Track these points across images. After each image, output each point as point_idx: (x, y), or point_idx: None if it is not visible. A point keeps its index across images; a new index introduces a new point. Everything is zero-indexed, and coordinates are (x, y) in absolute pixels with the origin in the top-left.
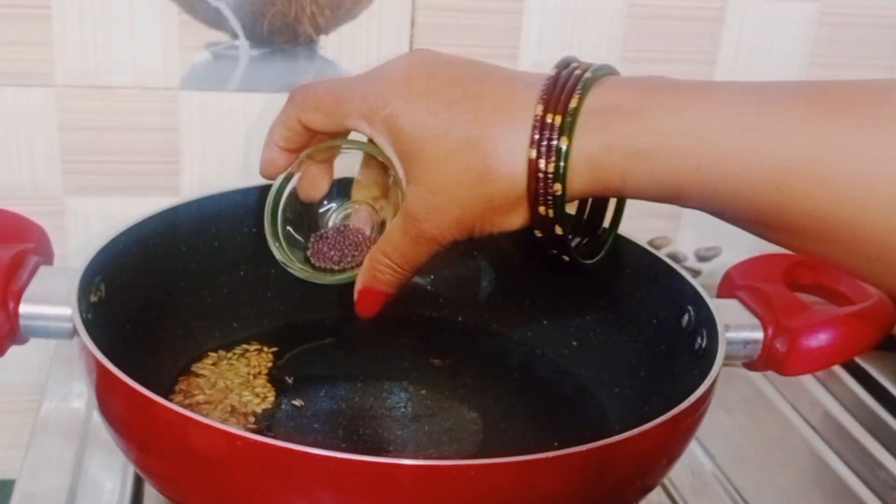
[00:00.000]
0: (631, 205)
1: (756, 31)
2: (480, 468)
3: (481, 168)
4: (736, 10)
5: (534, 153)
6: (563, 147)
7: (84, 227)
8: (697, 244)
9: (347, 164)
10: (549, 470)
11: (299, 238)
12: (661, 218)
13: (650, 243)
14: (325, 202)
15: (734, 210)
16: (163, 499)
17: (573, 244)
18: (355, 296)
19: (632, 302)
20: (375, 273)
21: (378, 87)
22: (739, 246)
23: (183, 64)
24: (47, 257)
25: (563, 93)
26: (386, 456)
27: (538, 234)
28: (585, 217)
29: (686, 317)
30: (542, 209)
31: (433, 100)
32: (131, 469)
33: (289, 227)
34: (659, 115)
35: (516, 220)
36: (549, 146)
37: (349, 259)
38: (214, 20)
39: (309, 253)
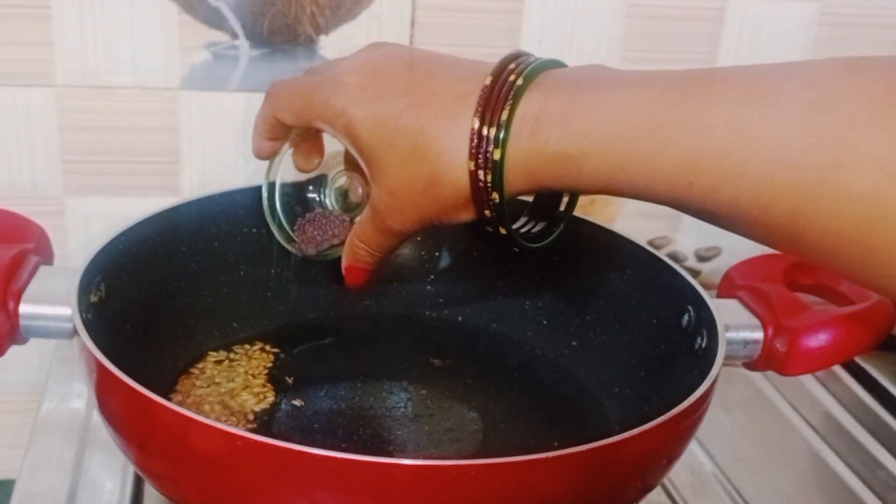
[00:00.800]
0: (631, 205)
1: (756, 31)
2: (480, 468)
3: (429, 175)
4: (736, 10)
5: (472, 165)
6: (497, 158)
7: (84, 226)
8: (697, 244)
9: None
10: (549, 470)
11: (295, 215)
12: (661, 218)
13: (650, 243)
14: (318, 182)
15: (660, 200)
16: (163, 499)
17: (530, 228)
18: (343, 271)
19: (632, 302)
20: (355, 254)
21: (337, 94)
22: (739, 246)
23: (183, 64)
24: (47, 257)
25: (496, 104)
26: (386, 456)
27: (489, 229)
28: (542, 202)
29: (686, 317)
30: (486, 212)
31: (384, 109)
32: (131, 469)
33: (286, 204)
34: (584, 119)
35: (468, 215)
36: (486, 158)
37: (330, 242)
38: (214, 20)
39: (296, 235)
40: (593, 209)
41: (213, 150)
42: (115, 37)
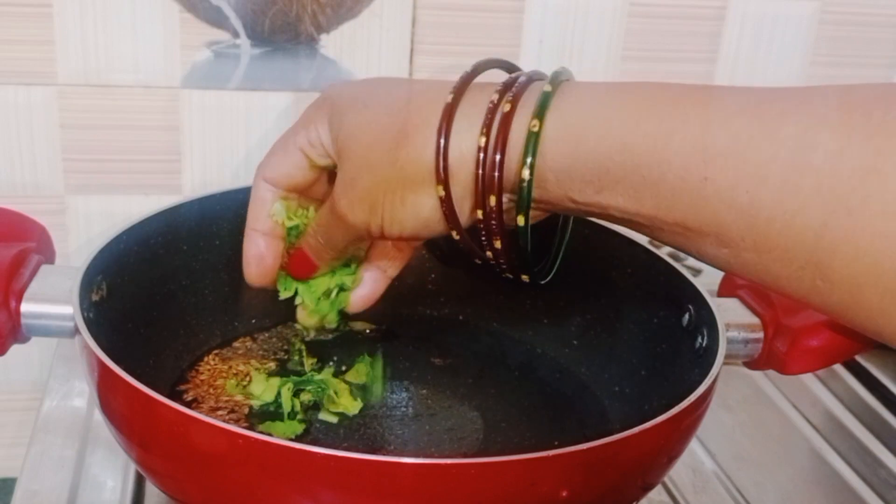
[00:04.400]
0: None
1: (757, 30)
2: (481, 467)
3: (398, 132)
4: (737, 8)
5: (483, 140)
6: (535, 129)
7: (85, 225)
8: None
9: None
10: (550, 468)
11: None
12: None
13: (651, 242)
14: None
15: (661, 206)
16: (164, 497)
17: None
18: (292, 251)
19: (632, 301)
20: (308, 238)
21: (314, 103)
22: None
23: (184, 63)
24: (49, 256)
25: (521, 85)
26: (387, 455)
27: (457, 236)
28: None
29: (687, 316)
30: (492, 199)
31: (365, 84)
32: (132, 467)
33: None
34: (583, 96)
35: (424, 202)
36: (503, 132)
37: None
38: (216, 19)
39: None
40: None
41: (215, 148)
42: (116, 35)
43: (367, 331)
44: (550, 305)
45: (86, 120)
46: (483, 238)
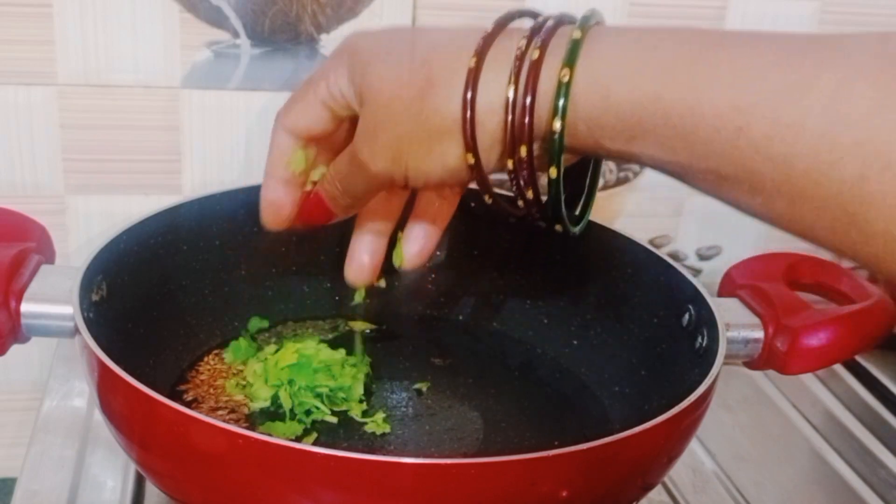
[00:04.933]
0: (632, 204)
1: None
2: (481, 467)
3: (422, 82)
4: (737, 8)
5: (512, 90)
6: (566, 80)
7: (85, 225)
8: (698, 243)
9: None
10: (550, 468)
11: None
12: (663, 217)
13: (651, 242)
14: None
15: (693, 154)
16: (164, 497)
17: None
18: (309, 196)
19: (632, 301)
20: (325, 184)
21: (336, 51)
22: (740, 245)
23: (184, 63)
24: (49, 256)
25: (549, 30)
26: (387, 455)
27: (486, 198)
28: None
29: (687, 316)
30: (523, 149)
31: (388, 32)
32: (132, 467)
33: None
34: (613, 45)
35: (451, 152)
36: (533, 80)
37: None
38: (216, 19)
39: None
40: (594, 208)
41: (215, 148)
42: (116, 35)
43: (367, 331)
44: (550, 305)
45: (86, 120)
46: (514, 188)
